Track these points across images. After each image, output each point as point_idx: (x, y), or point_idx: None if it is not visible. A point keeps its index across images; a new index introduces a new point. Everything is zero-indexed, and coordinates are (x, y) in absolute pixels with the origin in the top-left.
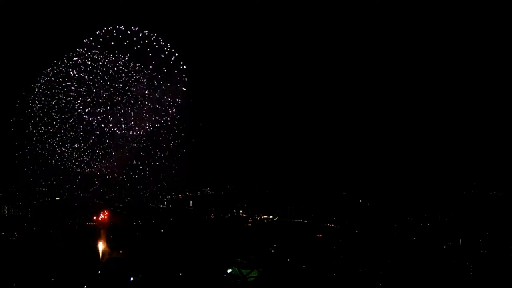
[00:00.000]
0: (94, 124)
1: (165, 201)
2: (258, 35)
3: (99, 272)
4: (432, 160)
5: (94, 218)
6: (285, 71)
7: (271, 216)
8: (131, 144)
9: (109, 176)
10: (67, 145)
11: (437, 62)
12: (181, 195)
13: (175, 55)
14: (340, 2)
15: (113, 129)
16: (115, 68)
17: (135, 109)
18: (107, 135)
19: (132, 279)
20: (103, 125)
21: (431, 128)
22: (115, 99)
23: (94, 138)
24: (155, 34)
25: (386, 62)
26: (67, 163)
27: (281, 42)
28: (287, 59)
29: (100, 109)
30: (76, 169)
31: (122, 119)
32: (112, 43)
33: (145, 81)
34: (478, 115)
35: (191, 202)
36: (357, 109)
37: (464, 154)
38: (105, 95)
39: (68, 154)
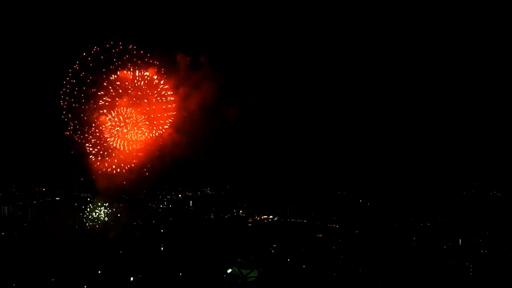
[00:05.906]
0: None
1: (165, 201)
2: (257, 34)
3: (99, 272)
4: (432, 160)
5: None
6: (285, 71)
7: (271, 216)
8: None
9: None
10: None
11: (437, 62)
12: (181, 195)
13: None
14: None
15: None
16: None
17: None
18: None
19: (132, 279)
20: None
21: (431, 128)
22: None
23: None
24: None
25: (387, 62)
26: None
27: (280, 42)
28: (288, 59)
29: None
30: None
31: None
32: None
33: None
34: (478, 115)
35: (191, 202)
36: (357, 109)
37: (464, 154)
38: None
39: None
